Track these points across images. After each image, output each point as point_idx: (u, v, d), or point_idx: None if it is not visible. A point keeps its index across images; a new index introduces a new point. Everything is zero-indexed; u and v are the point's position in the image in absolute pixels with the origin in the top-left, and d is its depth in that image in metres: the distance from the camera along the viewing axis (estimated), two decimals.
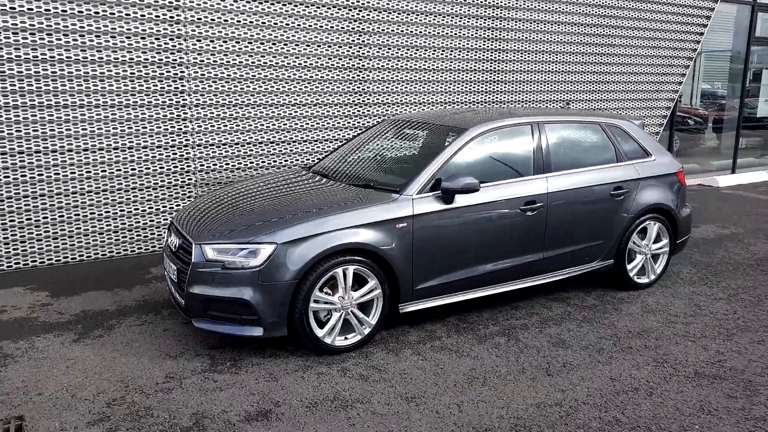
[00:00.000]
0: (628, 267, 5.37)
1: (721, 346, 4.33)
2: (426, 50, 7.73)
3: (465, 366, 4.01)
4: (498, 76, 8.48)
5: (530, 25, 8.59)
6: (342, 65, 7.16)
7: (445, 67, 7.95)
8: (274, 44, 6.70)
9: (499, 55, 8.41)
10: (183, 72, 6.27)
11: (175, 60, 6.21)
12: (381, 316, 4.28)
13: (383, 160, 5.19)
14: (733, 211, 8.90)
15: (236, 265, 3.92)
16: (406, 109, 7.77)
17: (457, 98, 8.17)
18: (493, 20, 8.22)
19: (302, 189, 4.70)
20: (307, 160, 7.22)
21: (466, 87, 8.20)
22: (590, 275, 5.36)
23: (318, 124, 7.19)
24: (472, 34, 8.08)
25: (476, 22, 8.07)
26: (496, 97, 8.54)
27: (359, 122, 7.48)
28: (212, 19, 6.32)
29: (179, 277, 4.19)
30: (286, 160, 7.08)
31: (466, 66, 8.14)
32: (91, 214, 6.11)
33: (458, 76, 8.09)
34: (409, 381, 3.81)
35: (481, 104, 8.43)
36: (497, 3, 8.19)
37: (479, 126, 4.74)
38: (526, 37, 8.61)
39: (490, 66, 8.37)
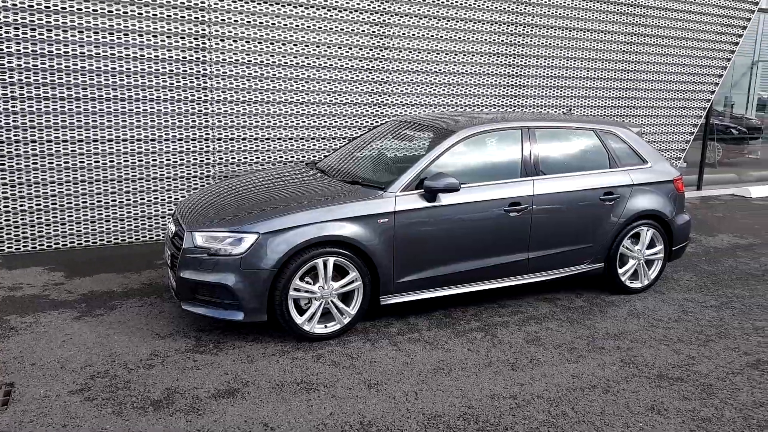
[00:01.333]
0: (620, 271, 5.41)
1: (693, 351, 4.36)
2: (446, 54, 7.87)
3: (435, 358, 4.17)
4: (519, 81, 8.55)
5: (553, 32, 8.62)
6: (359, 66, 7.37)
7: (465, 71, 8.07)
8: (294, 44, 6.97)
9: (520, 60, 8.48)
10: (205, 69, 6.60)
11: (198, 58, 6.54)
12: (361, 307, 4.47)
13: (377, 159, 5.38)
14: (756, 221, 8.73)
15: (222, 252, 4.18)
16: (421, 110, 7.94)
17: (474, 101, 8.28)
18: (513, 26, 8.30)
19: (295, 183, 4.93)
20: (322, 155, 7.46)
21: (485, 90, 8.30)
22: (585, 278, 5.42)
23: (334, 122, 7.42)
24: (494, 39, 8.17)
25: (496, 27, 8.16)
26: (516, 102, 8.61)
27: (374, 121, 7.68)
28: (235, 20, 6.62)
29: (172, 262, 4.48)
30: (304, 156, 7.34)
31: (487, 70, 8.24)
32: (112, 201, 6.49)
33: (477, 80, 8.19)
34: (377, 369, 3.99)
35: (501, 107, 8.51)
36: (517, 9, 8.26)
37: (467, 129, 4.88)
38: (549, 43, 8.65)
39: (511, 71, 8.44)
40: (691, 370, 4.07)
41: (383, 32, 7.44)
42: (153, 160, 6.58)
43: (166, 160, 6.64)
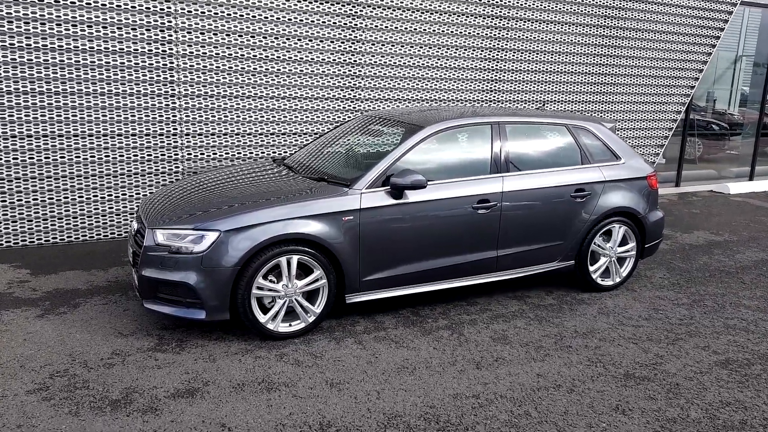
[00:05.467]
0: (591, 269, 5.38)
1: (662, 350, 4.34)
2: (420, 47, 7.81)
3: (399, 356, 4.12)
4: (497, 75, 8.50)
5: (530, 24, 8.58)
6: (330, 60, 7.30)
7: (440, 65, 8.02)
8: (264, 37, 6.88)
9: (496, 54, 8.43)
10: (173, 63, 6.50)
11: (165, 51, 6.44)
12: (326, 306, 4.41)
13: (344, 155, 5.32)
14: (733, 218, 8.75)
15: (183, 250, 4.10)
16: (393, 105, 7.87)
17: (449, 96, 8.23)
18: (492, 19, 8.25)
19: (261, 180, 4.86)
20: (292, 151, 7.37)
21: (460, 85, 8.25)
22: (556, 275, 5.40)
23: (305, 117, 7.35)
24: (468, 32, 8.12)
25: (471, 20, 8.11)
26: (491, 96, 8.56)
27: (346, 116, 7.61)
28: (202, 12, 6.52)
29: (134, 260, 4.40)
30: (274, 151, 7.26)
31: (462, 64, 8.19)
32: (80, 197, 6.39)
33: (452, 74, 8.14)
34: (340, 368, 3.94)
35: (476, 102, 8.47)
36: (494, 2, 8.20)
37: (435, 125, 4.82)
38: (528, 37, 8.60)
39: (487, 65, 8.40)
40: (658, 369, 4.05)
41: (353, 24, 7.36)
42: (121, 155, 6.48)
43: (134, 155, 6.54)
